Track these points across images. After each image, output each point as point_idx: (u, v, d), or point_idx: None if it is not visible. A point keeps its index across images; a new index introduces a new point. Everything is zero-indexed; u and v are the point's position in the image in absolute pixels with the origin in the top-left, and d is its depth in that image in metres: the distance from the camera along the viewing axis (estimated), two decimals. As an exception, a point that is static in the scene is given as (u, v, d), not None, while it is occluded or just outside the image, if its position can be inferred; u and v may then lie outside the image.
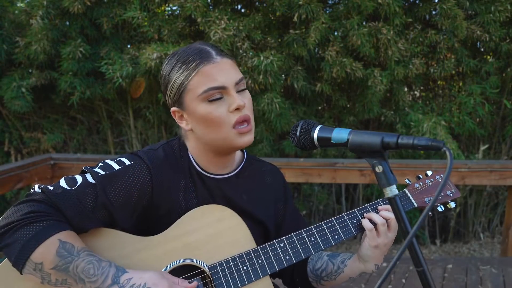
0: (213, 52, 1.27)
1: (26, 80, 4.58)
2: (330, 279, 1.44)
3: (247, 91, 1.32)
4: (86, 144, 5.37)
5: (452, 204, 1.44)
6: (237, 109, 1.26)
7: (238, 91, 1.28)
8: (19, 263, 1.11)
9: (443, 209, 1.45)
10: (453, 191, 1.48)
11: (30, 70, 4.74)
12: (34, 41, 4.40)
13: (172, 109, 1.33)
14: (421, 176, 1.49)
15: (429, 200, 1.43)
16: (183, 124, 1.33)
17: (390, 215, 1.33)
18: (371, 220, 1.34)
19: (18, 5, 5.03)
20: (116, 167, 1.26)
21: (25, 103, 4.53)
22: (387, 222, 1.33)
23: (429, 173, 1.49)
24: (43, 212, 1.13)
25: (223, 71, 1.25)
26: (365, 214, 1.36)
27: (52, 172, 4.10)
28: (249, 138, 1.29)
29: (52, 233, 1.12)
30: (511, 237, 4.02)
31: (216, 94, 1.25)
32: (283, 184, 1.52)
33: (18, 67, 4.78)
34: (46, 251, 1.11)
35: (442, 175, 1.49)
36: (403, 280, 3.65)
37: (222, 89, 1.25)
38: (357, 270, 1.39)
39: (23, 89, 4.53)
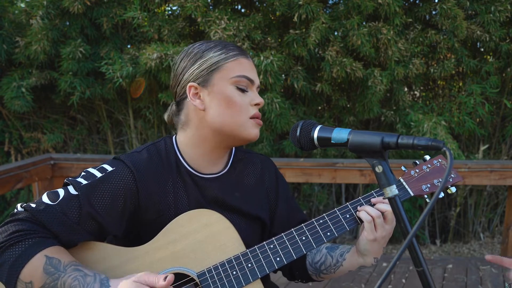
0: (247, 55, 1.38)
1: (26, 80, 4.58)
2: (329, 273, 1.43)
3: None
4: (86, 144, 5.37)
5: (453, 189, 1.39)
6: (257, 104, 1.34)
7: None
8: (10, 285, 1.09)
9: (443, 194, 1.40)
10: (453, 175, 1.44)
11: (30, 70, 4.73)
12: (34, 41, 4.40)
13: (190, 84, 1.32)
14: (418, 162, 1.45)
15: (426, 188, 1.39)
16: (196, 102, 1.32)
17: (386, 207, 1.30)
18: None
19: (18, 5, 5.03)
20: (98, 174, 1.24)
21: (25, 103, 4.53)
22: (383, 215, 1.31)
23: (427, 157, 1.45)
24: (28, 231, 1.12)
25: (253, 70, 1.37)
26: (359, 208, 1.33)
27: (52, 172, 4.09)
28: (258, 132, 1.36)
29: (38, 250, 1.10)
30: (511, 237, 4.02)
31: (244, 84, 1.33)
32: (275, 173, 1.51)
33: (18, 67, 4.78)
34: (33, 269, 1.09)
35: (440, 160, 1.45)
36: (403, 280, 3.65)
37: (251, 82, 1.35)
38: (356, 264, 1.37)
39: (23, 89, 4.52)
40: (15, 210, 1.18)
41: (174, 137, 1.40)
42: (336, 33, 4.45)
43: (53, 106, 5.19)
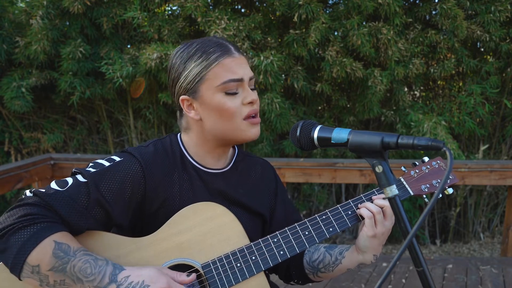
0: (232, 48, 1.32)
1: (26, 80, 4.58)
2: (328, 271, 1.43)
3: (255, 90, 1.36)
4: (86, 144, 5.37)
5: (450, 190, 1.41)
6: (250, 102, 1.31)
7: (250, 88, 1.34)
8: (17, 268, 1.10)
9: (440, 195, 1.43)
10: (450, 177, 1.46)
11: (30, 70, 4.74)
12: (34, 41, 4.40)
13: (182, 97, 1.32)
14: (417, 163, 1.47)
15: (425, 188, 1.41)
16: (191, 114, 1.33)
17: (385, 203, 1.32)
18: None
19: (18, 5, 5.03)
20: (107, 164, 1.26)
21: (25, 103, 4.53)
22: (382, 210, 1.32)
23: (426, 159, 1.47)
24: (36, 215, 1.12)
25: (241, 66, 1.31)
26: (359, 205, 1.35)
27: (52, 172, 4.10)
28: (257, 131, 1.34)
29: (47, 234, 1.11)
30: (511, 237, 4.02)
31: (233, 88, 1.29)
32: (274, 177, 1.54)
33: (18, 67, 4.78)
34: (42, 253, 1.10)
35: (439, 161, 1.48)
36: (403, 280, 3.65)
37: (239, 81, 1.30)
38: (355, 262, 1.38)
39: (23, 89, 4.53)
40: (24, 196, 1.19)
41: (179, 134, 1.42)
42: (336, 33, 4.45)
43: (53, 106, 5.19)
